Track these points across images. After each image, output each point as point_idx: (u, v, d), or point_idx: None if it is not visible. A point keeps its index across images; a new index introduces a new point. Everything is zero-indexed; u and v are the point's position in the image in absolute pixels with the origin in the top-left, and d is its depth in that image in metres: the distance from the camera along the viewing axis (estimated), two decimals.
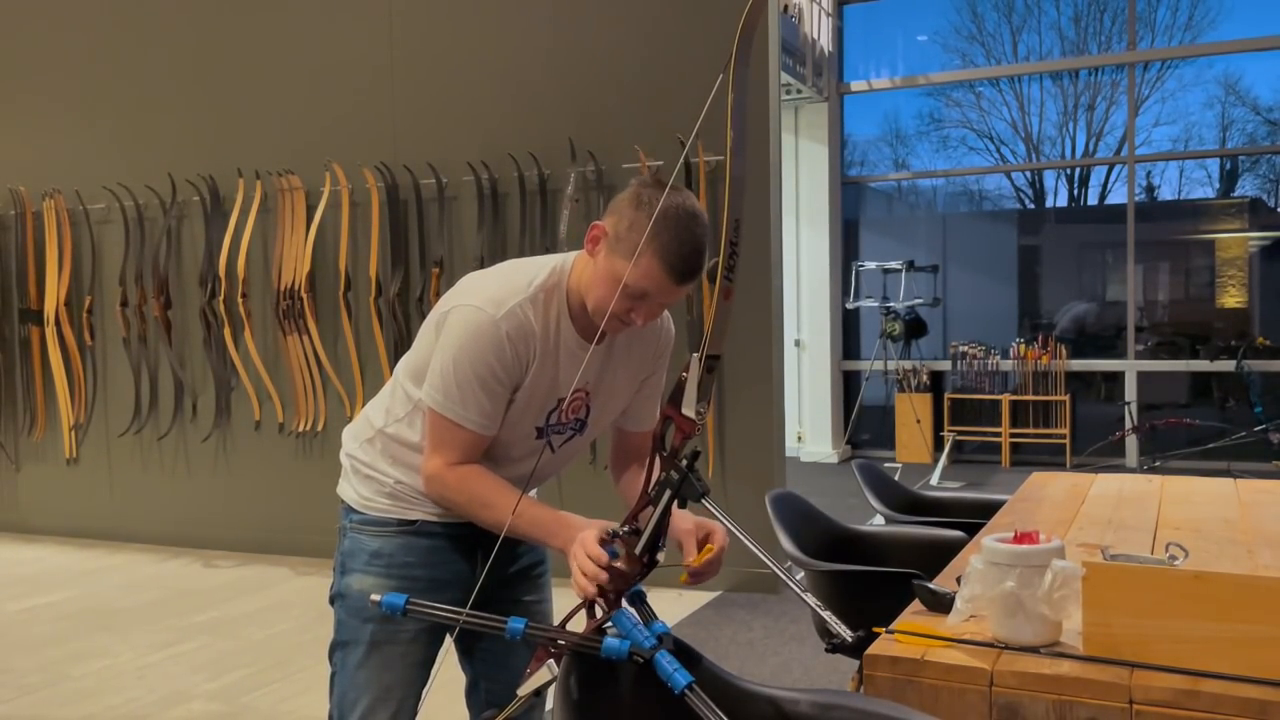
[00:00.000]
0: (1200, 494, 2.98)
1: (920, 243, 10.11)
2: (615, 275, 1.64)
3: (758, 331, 4.95)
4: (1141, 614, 1.56)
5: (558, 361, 1.77)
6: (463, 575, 1.86)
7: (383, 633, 1.84)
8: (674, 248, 1.62)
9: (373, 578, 1.84)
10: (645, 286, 1.64)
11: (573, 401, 1.82)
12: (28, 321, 6.51)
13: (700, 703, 1.32)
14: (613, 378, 1.87)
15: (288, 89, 5.90)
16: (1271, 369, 8.40)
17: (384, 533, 1.86)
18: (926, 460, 8.85)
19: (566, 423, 1.85)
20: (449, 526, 1.86)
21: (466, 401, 1.72)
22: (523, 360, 1.73)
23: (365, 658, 1.85)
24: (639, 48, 5.12)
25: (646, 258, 1.62)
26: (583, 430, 1.89)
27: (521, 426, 1.80)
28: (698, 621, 4.56)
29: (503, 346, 1.70)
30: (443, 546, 1.86)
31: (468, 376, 1.71)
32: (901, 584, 1.97)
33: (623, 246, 1.64)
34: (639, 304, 1.67)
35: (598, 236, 1.70)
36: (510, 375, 1.73)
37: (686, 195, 1.66)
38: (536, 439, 1.83)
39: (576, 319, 1.77)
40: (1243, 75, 8.98)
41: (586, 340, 1.77)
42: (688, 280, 1.65)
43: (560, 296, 1.77)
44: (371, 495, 1.88)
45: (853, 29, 9.85)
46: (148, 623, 4.69)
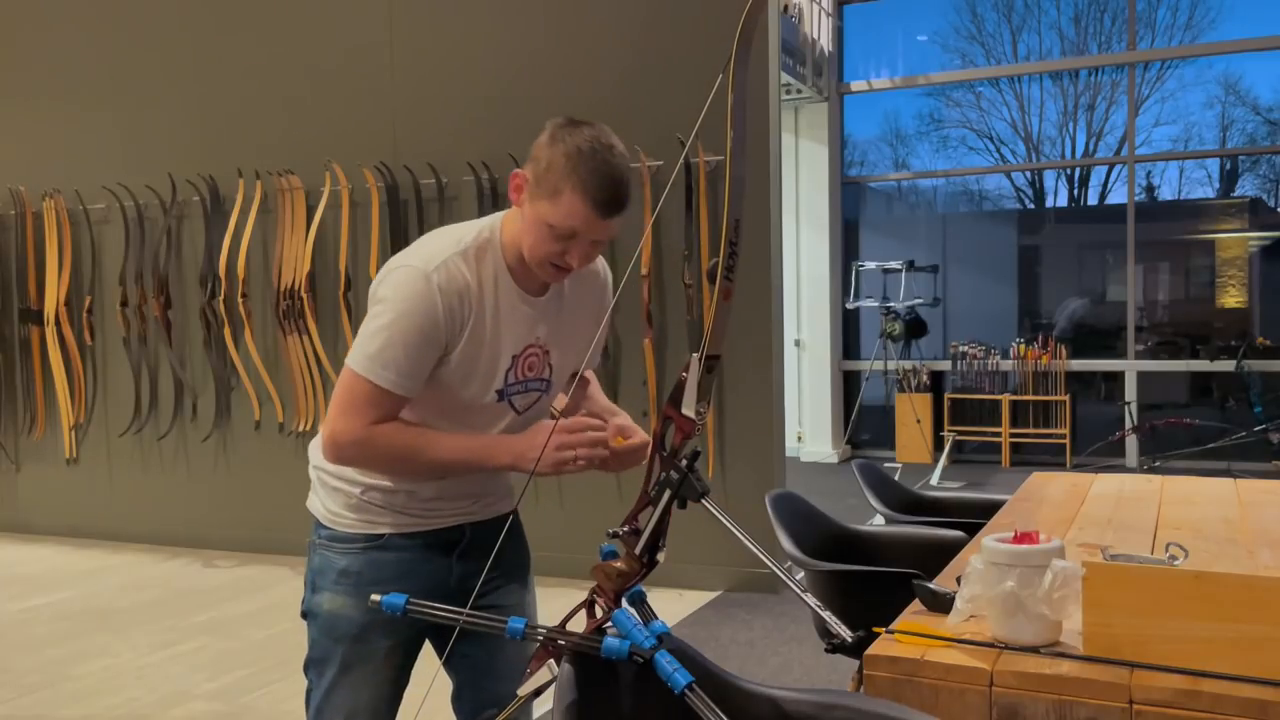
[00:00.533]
0: (1200, 494, 2.98)
1: (920, 243, 10.11)
2: (542, 219, 1.63)
3: (758, 331, 4.95)
4: (1141, 614, 1.56)
5: (501, 318, 1.73)
6: (437, 585, 1.81)
7: (354, 653, 1.80)
8: (593, 181, 1.60)
9: (343, 596, 1.80)
10: (572, 224, 1.63)
11: (528, 358, 1.78)
12: (28, 321, 6.51)
13: (700, 703, 1.32)
14: (571, 330, 1.84)
15: (288, 89, 5.89)
16: (1271, 369, 8.39)
17: (351, 550, 1.81)
18: (926, 460, 8.85)
19: (525, 380, 1.80)
20: (419, 536, 1.82)
21: (386, 360, 1.65)
22: (457, 316, 1.67)
23: (338, 677, 1.81)
24: (639, 48, 5.12)
25: (567, 195, 1.61)
26: (548, 389, 1.86)
27: (474, 388, 1.74)
28: (698, 621, 4.56)
29: (434, 300, 1.64)
30: (413, 559, 1.81)
31: (392, 335, 1.64)
32: (901, 584, 1.97)
33: (544, 188, 1.63)
34: (570, 244, 1.65)
35: (520, 185, 1.68)
36: (441, 331, 1.66)
37: (600, 128, 1.65)
38: (498, 402, 1.77)
39: (516, 275, 1.74)
40: (1243, 75, 8.99)
41: (531, 295, 1.76)
42: (612, 212, 1.63)
43: (495, 252, 1.73)
44: (339, 509, 1.83)
45: (853, 29, 9.85)
46: (148, 623, 4.69)
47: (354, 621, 1.79)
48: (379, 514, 1.80)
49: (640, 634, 1.41)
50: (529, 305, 1.76)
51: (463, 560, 1.86)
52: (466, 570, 1.85)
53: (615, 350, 5.19)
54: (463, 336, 1.69)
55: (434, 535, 1.83)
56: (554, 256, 1.67)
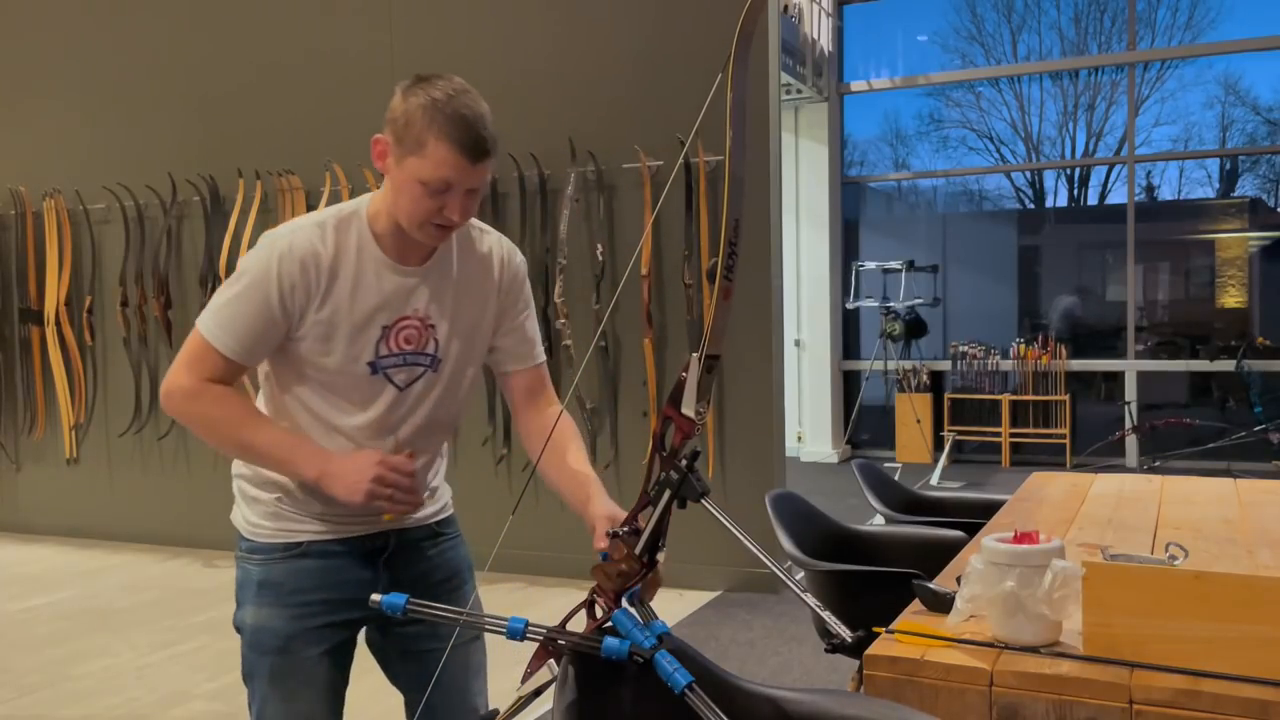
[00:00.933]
0: (1200, 494, 2.98)
1: (920, 243, 10.11)
2: (412, 177, 1.61)
3: (758, 331, 4.95)
4: (1141, 614, 1.56)
5: (363, 287, 1.70)
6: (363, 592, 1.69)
7: (280, 665, 1.76)
8: (457, 126, 1.58)
9: (266, 609, 1.77)
10: (444, 175, 1.60)
11: (403, 330, 1.73)
12: (28, 321, 6.51)
13: (700, 702, 1.32)
14: (459, 308, 1.79)
15: (288, 89, 5.89)
16: (1271, 369, 8.39)
17: (270, 560, 1.77)
18: (926, 460, 8.85)
19: (402, 353, 1.74)
20: (341, 543, 1.78)
21: (225, 324, 1.67)
22: (300, 286, 1.66)
23: (269, 690, 1.78)
24: (639, 48, 5.12)
25: (432, 146, 1.58)
26: (436, 367, 1.78)
27: (337, 357, 1.71)
28: (698, 621, 4.56)
29: (274, 271, 1.65)
30: (337, 565, 1.77)
31: (234, 302, 1.66)
32: (901, 584, 1.97)
33: (407, 146, 1.60)
34: (447, 198, 1.62)
35: (383, 150, 1.65)
36: (278, 301, 1.65)
37: (451, 78, 1.63)
38: (371, 374, 1.73)
39: (385, 244, 1.71)
40: (1243, 75, 8.99)
41: (405, 265, 1.73)
42: (481, 156, 1.61)
43: (360, 223, 1.71)
44: (257, 519, 1.79)
45: (853, 29, 9.85)
46: (148, 623, 4.69)
47: (277, 633, 1.76)
48: (296, 521, 1.77)
49: (640, 634, 1.41)
50: (403, 275, 1.73)
51: (389, 568, 1.82)
52: (393, 579, 1.81)
53: (615, 350, 5.19)
54: (312, 305, 1.67)
55: (356, 542, 1.79)
56: (432, 214, 1.64)
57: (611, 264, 5.16)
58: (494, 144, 1.63)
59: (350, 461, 1.67)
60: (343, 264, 1.69)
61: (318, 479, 1.67)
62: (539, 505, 5.24)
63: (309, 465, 1.68)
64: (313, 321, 1.68)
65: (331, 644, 1.78)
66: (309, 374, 1.73)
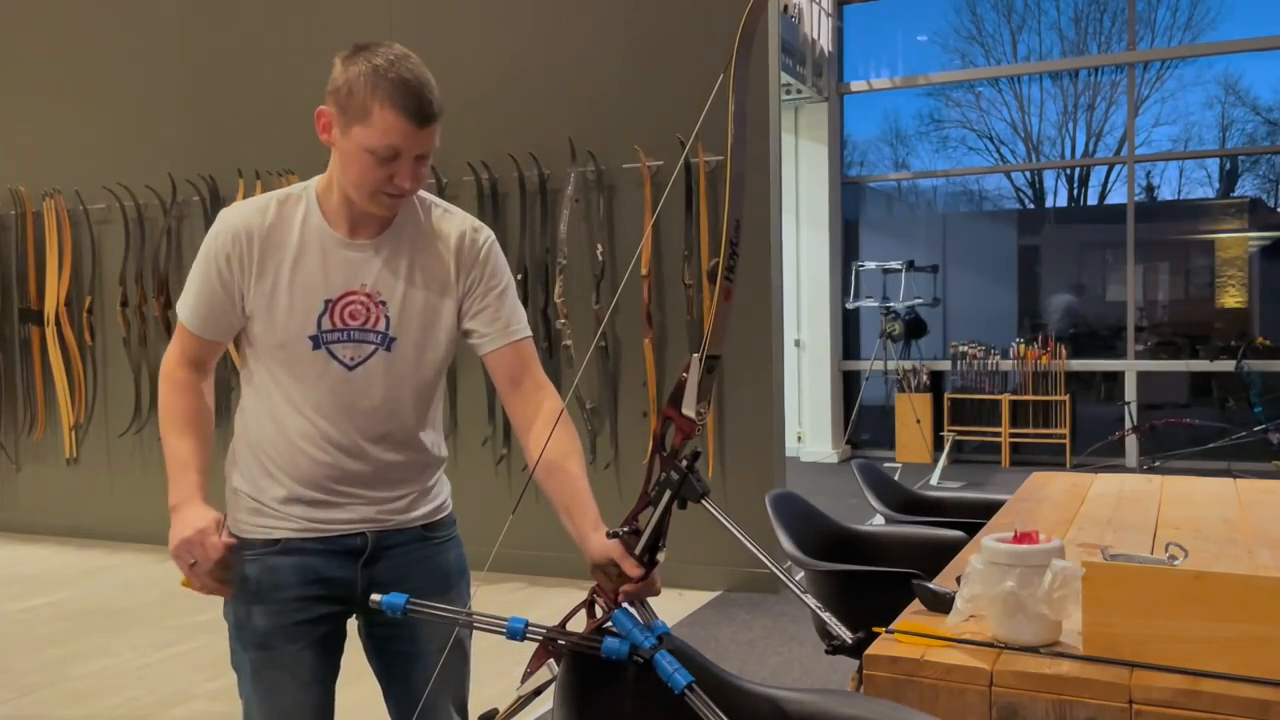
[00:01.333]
0: (1200, 494, 2.98)
1: (920, 243, 10.11)
2: (359, 146, 1.59)
3: (758, 331, 4.95)
4: (1141, 614, 1.56)
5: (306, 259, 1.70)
6: (339, 593, 1.76)
7: (261, 660, 1.76)
8: (401, 89, 1.57)
9: (245, 605, 1.76)
10: (391, 142, 1.58)
11: (348, 305, 1.70)
12: (28, 321, 6.51)
13: (700, 703, 1.32)
14: (412, 285, 1.74)
15: (288, 89, 5.89)
16: (1271, 369, 8.39)
17: (249, 556, 1.76)
18: (926, 460, 8.85)
19: (346, 328, 1.71)
20: (319, 541, 1.76)
21: (185, 298, 1.76)
22: (235, 257, 1.69)
23: (253, 683, 1.78)
24: (639, 48, 5.12)
25: (378, 113, 1.57)
26: (388, 345, 1.73)
27: (280, 331, 1.70)
28: (698, 621, 4.56)
29: (214, 245, 1.70)
30: (315, 563, 1.75)
31: (191, 277, 1.75)
32: (901, 584, 1.97)
33: (352, 114, 1.59)
34: (396, 166, 1.61)
35: (327, 122, 1.64)
36: (218, 274, 1.70)
37: (390, 44, 1.63)
38: (313, 349, 1.70)
39: (333, 219, 1.71)
40: (1243, 75, 8.98)
41: (352, 239, 1.72)
42: (428, 120, 1.60)
43: (308, 199, 1.72)
44: (239, 515, 1.79)
45: (853, 29, 9.85)
46: (148, 623, 4.69)
47: (258, 630, 1.76)
48: (275, 518, 1.76)
49: (640, 634, 1.41)
50: (350, 250, 1.71)
51: (369, 568, 1.78)
52: (372, 580, 1.78)
53: (615, 350, 5.19)
54: (248, 276, 1.70)
55: (335, 541, 1.76)
56: (382, 183, 1.62)
57: (611, 264, 5.16)
58: (440, 108, 1.61)
59: (190, 513, 1.69)
60: (285, 237, 1.70)
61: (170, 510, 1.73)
62: (539, 505, 5.25)
63: (173, 495, 1.73)
64: (255, 294, 1.71)
65: (312, 639, 1.77)
66: (265, 354, 1.74)
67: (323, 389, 1.72)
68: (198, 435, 1.79)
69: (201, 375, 1.82)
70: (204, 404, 1.82)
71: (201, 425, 1.80)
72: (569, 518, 1.67)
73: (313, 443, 1.73)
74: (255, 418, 1.78)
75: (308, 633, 1.76)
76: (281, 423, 1.74)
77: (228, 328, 1.76)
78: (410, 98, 1.57)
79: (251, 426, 1.79)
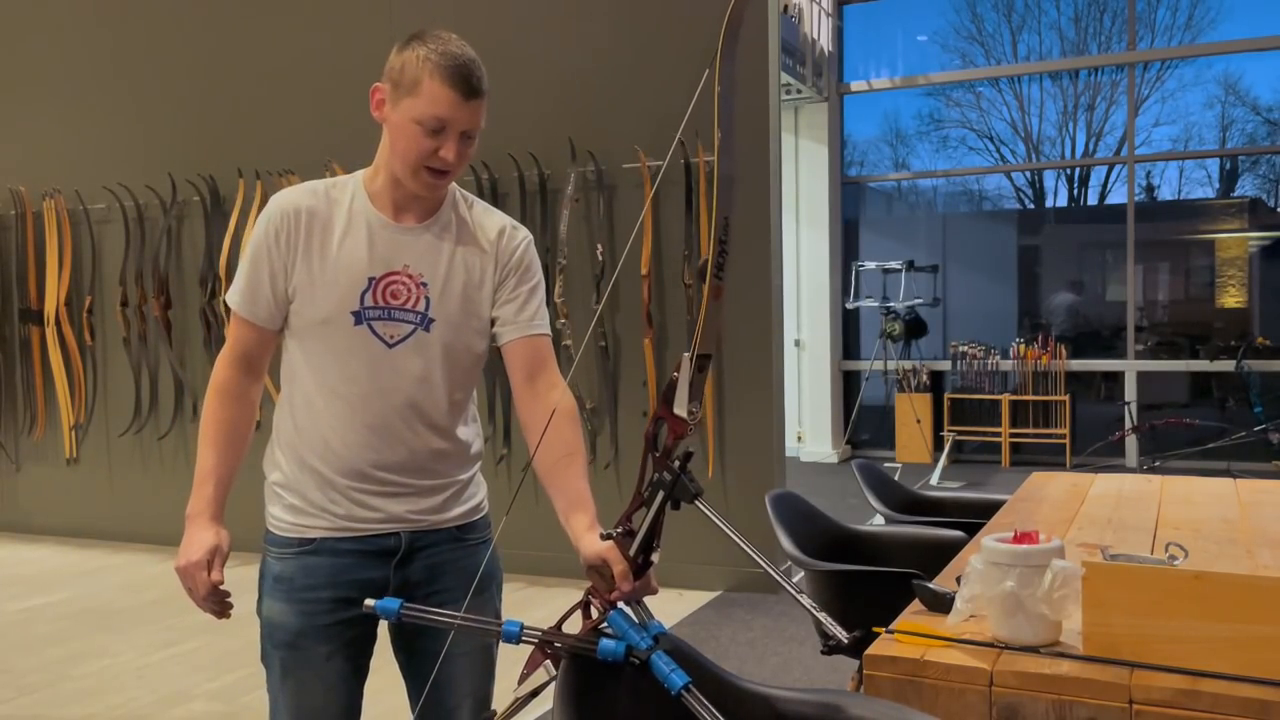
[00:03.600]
0: (1200, 494, 2.98)
1: (920, 243, 10.10)
2: (408, 118, 1.68)
3: (758, 331, 4.95)
4: (1141, 614, 1.55)
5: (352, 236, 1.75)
6: (374, 592, 1.75)
7: (292, 659, 1.78)
8: (449, 65, 1.68)
9: (279, 603, 1.79)
10: (439, 113, 1.67)
11: (390, 284, 1.74)
12: (28, 321, 6.51)
13: (697, 704, 1.31)
14: (453, 271, 1.79)
15: (288, 89, 5.90)
16: (1271, 369, 8.39)
17: (285, 555, 1.79)
18: (926, 460, 8.84)
19: (387, 306, 1.74)
20: (353, 541, 1.77)
21: (236, 283, 1.78)
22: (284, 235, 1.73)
23: (281, 681, 1.80)
24: (639, 48, 5.12)
25: (426, 84, 1.67)
26: (427, 326, 1.76)
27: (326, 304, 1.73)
28: (698, 621, 4.56)
29: (264, 226, 1.74)
30: (348, 564, 1.77)
31: (241, 261, 1.79)
32: (901, 584, 1.97)
33: (403, 89, 1.69)
34: (443, 139, 1.69)
35: (381, 98, 1.73)
36: (273, 249, 1.74)
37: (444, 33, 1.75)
38: (355, 325, 1.73)
39: (382, 203, 1.78)
40: (1243, 75, 8.98)
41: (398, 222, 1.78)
42: (473, 93, 1.69)
43: (355, 185, 1.80)
44: (276, 512, 1.82)
45: (853, 29, 9.84)
46: (148, 623, 4.69)
47: (288, 629, 1.78)
48: (310, 517, 1.78)
49: (636, 635, 1.41)
50: (394, 231, 1.77)
51: (401, 569, 1.79)
52: (404, 579, 1.79)
53: (615, 350, 5.19)
54: (297, 252, 1.74)
55: (369, 541, 1.78)
56: (428, 156, 1.69)
57: (611, 264, 5.16)
58: (486, 85, 1.72)
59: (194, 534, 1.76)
60: (335, 217, 1.76)
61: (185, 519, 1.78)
62: (539, 505, 5.24)
63: (190, 504, 1.78)
64: (301, 269, 1.74)
65: (343, 640, 1.78)
66: (305, 332, 1.77)
67: (360, 367, 1.74)
68: (228, 449, 1.81)
69: (251, 378, 1.83)
70: (243, 414, 1.83)
71: (234, 440, 1.82)
72: (565, 518, 1.69)
73: (348, 426, 1.75)
74: (290, 411, 1.81)
75: (338, 634, 1.78)
76: (315, 410, 1.77)
77: (275, 310, 1.77)
78: (458, 70, 1.68)
79: (286, 421, 1.82)
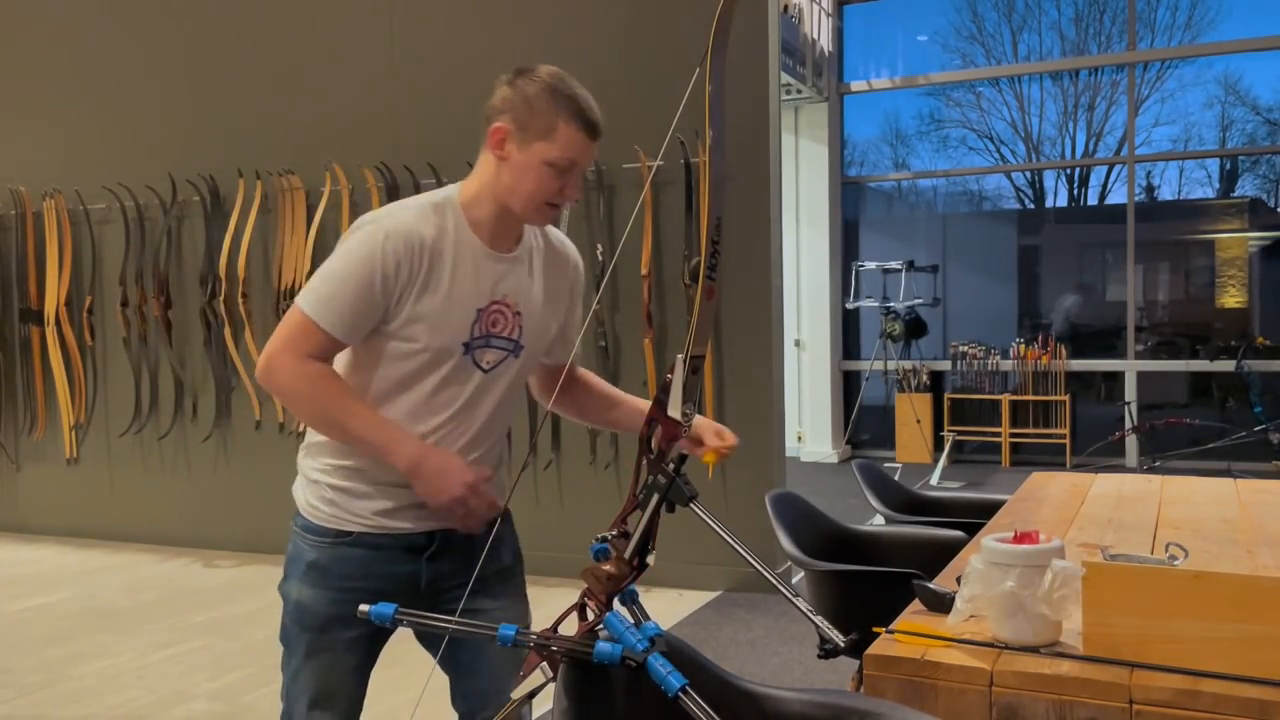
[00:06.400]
0: (1200, 494, 2.98)
1: (920, 243, 10.10)
2: (539, 159, 1.70)
3: (758, 331, 4.95)
4: (1141, 614, 1.55)
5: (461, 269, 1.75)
6: (406, 587, 1.82)
7: (318, 642, 1.83)
8: (581, 105, 1.71)
9: (310, 589, 1.83)
10: (571, 155, 1.71)
11: (493, 313, 1.79)
12: (28, 321, 6.50)
13: (695, 705, 1.31)
14: (541, 299, 1.86)
15: (288, 89, 5.89)
16: (1271, 369, 8.39)
17: (321, 544, 1.83)
18: (926, 460, 8.84)
19: (489, 335, 1.79)
20: (389, 537, 1.81)
21: (328, 301, 1.71)
22: (405, 266, 1.71)
23: (304, 662, 1.85)
24: (639, 48, 5.12)
25: (563, 128, 1.69)
26: (518, 353, 1.84)
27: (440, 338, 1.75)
28: (698, 621, 4.56)
29: (381, 251, 1.69)
30: (381, 557, 1.82)
31: (341, 280, 1.71)
32: (901, 584, 1.97)
33: (535, 131, 1.70)
34: (567, 177, 1.73)
35: (503, 137, 1.73)
36: (381, 282, 1.70)
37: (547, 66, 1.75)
38: (463, 355, 1.78)
39: (482, 231, 1.78)
40: (1243, 75, 8.98)
41: (496, 251, 1.79)
42: (599, 134, 1.74)
43: (454, 211, 1.78)
44: (314, 501, 1.85)
45: (853, 29, 9.84)
46: (148, 623, 4.69)
47: (319, 614, 1.82)
48: (350, 513, 1.81)
49: (632, 637, 1.40)
50: (494, 261, 1.79)
51: (433, 562, 1.84)
52: (436, 573, 1.85)
53: (615, 350, 5.19)
54: (415, 284, 1.72)
55: (404, 538, 1.82)
56: (552, 194, 1.73)
57: (611, 264, 5.16)
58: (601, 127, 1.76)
59: (446, 461, 1.73)
60: (444, 247, 1.76)
61: (409, 469, 1.72)
62: (539, 506, 5.25)
63: (403, 453, 1.72)
64: (419, 302, 1.73)
65: (368, 629, 1.81)
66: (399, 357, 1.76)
67: (455, 392, 1.79)
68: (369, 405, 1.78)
69: None
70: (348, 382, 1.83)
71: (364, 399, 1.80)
72: None
73: None
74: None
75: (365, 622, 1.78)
76: None
77: (365, 331, 1.75)
78: (589, 113, 1.72)
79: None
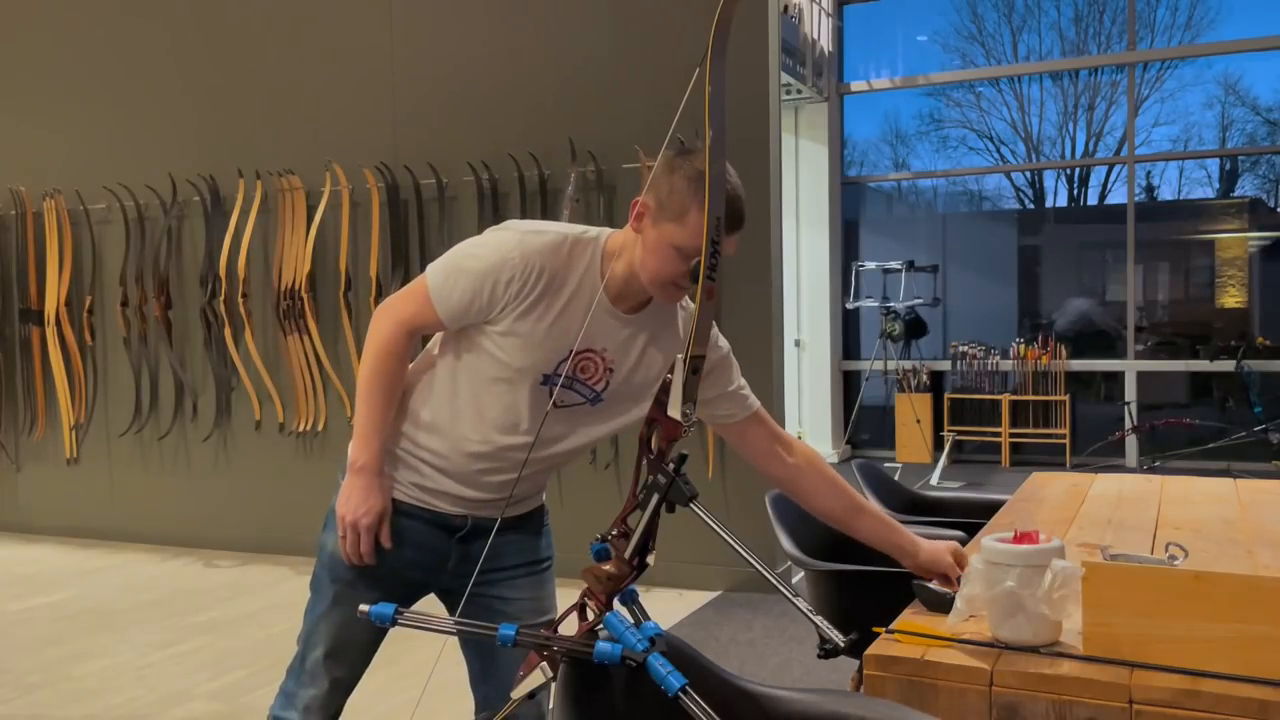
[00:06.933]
0: (1200, 494, 2.98)
1: (920, 243, 10.10)
2: (668, 241, 1.69)
3: (758, 331, 4.95)
4: (1141, 614, 1.55)
5: (574, 308, 1.77)
6: (436, 561, 1.90)
7: (344, 595, 1.89)
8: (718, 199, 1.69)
9: None
10: (699, 243, 1.67)
11: (583, 360, 1.81)
12: (28, 321, 6.50)
13: (695, 706, 1.31)
14: (645, 360, 1.86)
15: (288, 89, 5.89)
16: (1271, 369, 8.39)
17: None
18: (926, 460, 8.85)
19: (574, 377, 1.82)
20: (426, 512, 1.89)
21: (449, 284, 1.78)
22: (518, 283, 1.74)
23: (328, 610, 1.91)
24: (640, 47, 5.12)
25: (694, 215, 1.67)
26: (596, 403, 1.86)
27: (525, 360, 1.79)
28: (698, 621, 4.56)
29: (504, 261, 1.74)
30: (418, 527, 1.89)
31: (464, 267, 1.77)
32: (901, 584, 1.97)
33: (669, 212, 1.69)
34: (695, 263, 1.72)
35: (642, 212, 1.73)
36: (500, 287, 1.74)
37: None
38: (541, 384, 1.81)
39: (610, 285, 1.79)
40: (1243, 75, 8.98)
41: (615, 309, 1.81)
42: (736, 228, 1.69)
43: (594, 255, 1.79)
44: None
45: (853, 29, 9.84)
46: (148, 623, 4.69)
47: (349, 569, 1.88)
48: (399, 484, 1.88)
49: (632, 637, 1.40)
50: (608, 315, 1.81)
51: (463, 544, 1.91)
52: (466, 554, 1.90)
53: None
54: (521, 304, 1.75)
55: (441, 516, 1.89)
56: (678, 277, 1.72)
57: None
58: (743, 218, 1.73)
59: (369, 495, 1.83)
60: (566, 280, 1.77)
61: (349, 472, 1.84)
62: None
63: (357, 457, 1.83)
64: (512, 318, 1.77)
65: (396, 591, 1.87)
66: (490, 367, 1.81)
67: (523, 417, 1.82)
68: (392, 404, 1.86)
69: (413, 346, 1.89)
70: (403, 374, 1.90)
71: (396, 396, 1.87)
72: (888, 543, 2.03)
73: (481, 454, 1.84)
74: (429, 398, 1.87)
75: (394, 584, 1.90)
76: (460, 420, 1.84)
77: (466, 324, 1.81)
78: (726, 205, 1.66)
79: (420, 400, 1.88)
